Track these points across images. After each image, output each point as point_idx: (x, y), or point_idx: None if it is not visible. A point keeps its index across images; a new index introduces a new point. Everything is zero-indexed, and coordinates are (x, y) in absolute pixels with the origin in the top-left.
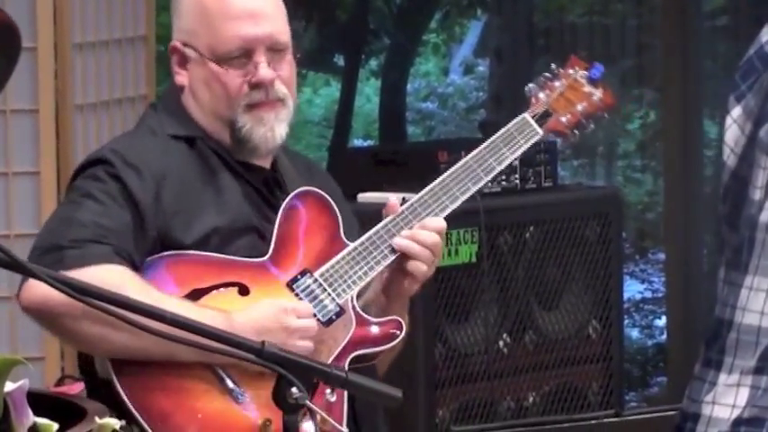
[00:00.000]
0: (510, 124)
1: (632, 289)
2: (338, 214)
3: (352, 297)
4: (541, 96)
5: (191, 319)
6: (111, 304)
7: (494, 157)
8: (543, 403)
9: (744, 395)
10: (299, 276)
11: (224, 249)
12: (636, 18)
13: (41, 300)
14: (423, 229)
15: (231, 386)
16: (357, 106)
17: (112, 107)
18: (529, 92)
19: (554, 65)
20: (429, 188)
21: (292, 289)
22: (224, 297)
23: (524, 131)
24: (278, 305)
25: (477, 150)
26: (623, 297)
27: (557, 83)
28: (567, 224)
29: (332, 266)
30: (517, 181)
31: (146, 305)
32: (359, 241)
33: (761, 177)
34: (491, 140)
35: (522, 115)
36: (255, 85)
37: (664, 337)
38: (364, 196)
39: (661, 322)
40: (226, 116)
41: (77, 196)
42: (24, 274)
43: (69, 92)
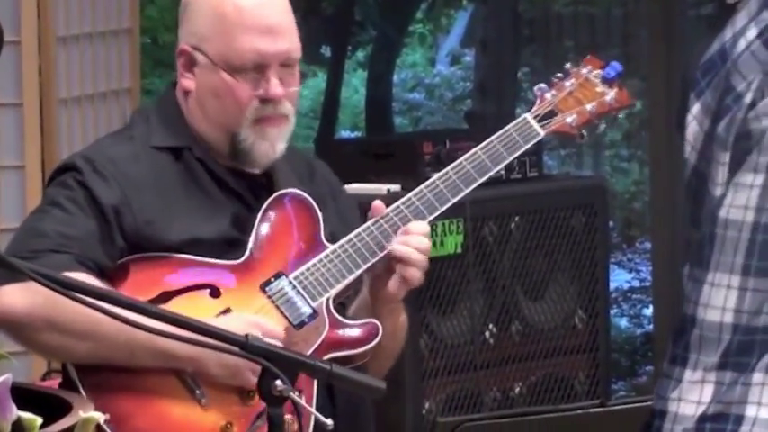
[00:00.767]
0: (510, 125)
1: (620, 278)
2: (319, 216)
3: (327, 299)
4: (548, 96)
5: (176, 314)
6: (98, 300)
7: (490, 158)
8: (530, 393)
9: (708, 391)
10: (273, 279)
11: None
12: (621, 8)
13: (3, 312)
14: (411, 234)
15: (194, 389)
16: (344, 97)
17: (97, 101)
18: (537, 91)
19: (568, 64)
20: (418, 190)
21: (265, 291)
22: (194, 299)
23: (524, 132)
24: (243, 318)
25: (472, 151)
26: (609, 287)
27: (566, 82)
28: (553, 214)
29: (307, 269)
30: (502, 171)
31: (131, 300)
32: (338, 243)
33: (720, 173)
34: (488, 141)
35: (524, 115)
36: (265, 100)
37: (651, 327)
38: (350, 188)
39: (649, 311)
40: (230, 127)
41: (45, 205)
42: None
43: (54, 85)
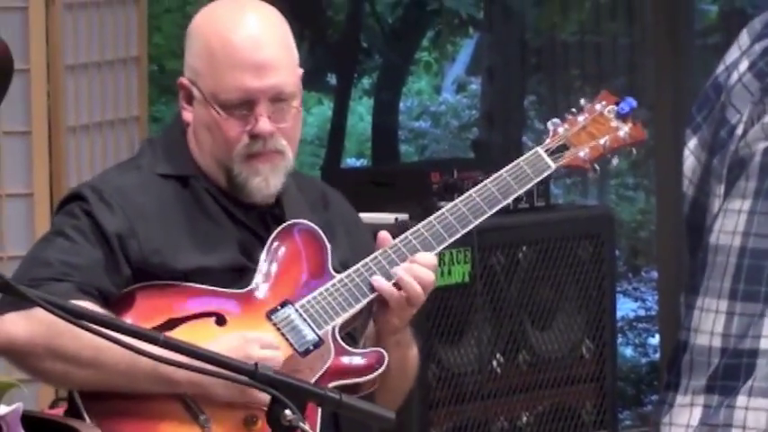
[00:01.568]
0: (521, 158)
1: (626, 307)
2: (327, 246)
3: (334, 328)
4: (560, 131)
5: (184, 342)
6: (105, 328)
7: (500, 191)
8: (537, 423)
9: (697, 414)
10: (279, 307)
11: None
12: (627, 37)
13: (6, 340)
14: (416, 264)
15: (198, 414)
16: (350, 125)
17: (105, 128)
18: (550, 126)
19: (583, 99)
20: (427, 221)
21: (270, 319)
22: (200, 327)
23: (535, 165)
24: (241, 335)
25: (482, 183)
26: (616, 316)
27: (580, 117)
28: (560, 244)
29: (314, 298)
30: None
31: (138, 328)
32: (346, 273)
33: (716, 205)
34: (498, 174)
35: (535, 149)
36: (255, 136)
37: (657, 356)
38: None
39: (654, 340)
40: (223, 161)
41: (50, 234)
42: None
43: (62, 113)
